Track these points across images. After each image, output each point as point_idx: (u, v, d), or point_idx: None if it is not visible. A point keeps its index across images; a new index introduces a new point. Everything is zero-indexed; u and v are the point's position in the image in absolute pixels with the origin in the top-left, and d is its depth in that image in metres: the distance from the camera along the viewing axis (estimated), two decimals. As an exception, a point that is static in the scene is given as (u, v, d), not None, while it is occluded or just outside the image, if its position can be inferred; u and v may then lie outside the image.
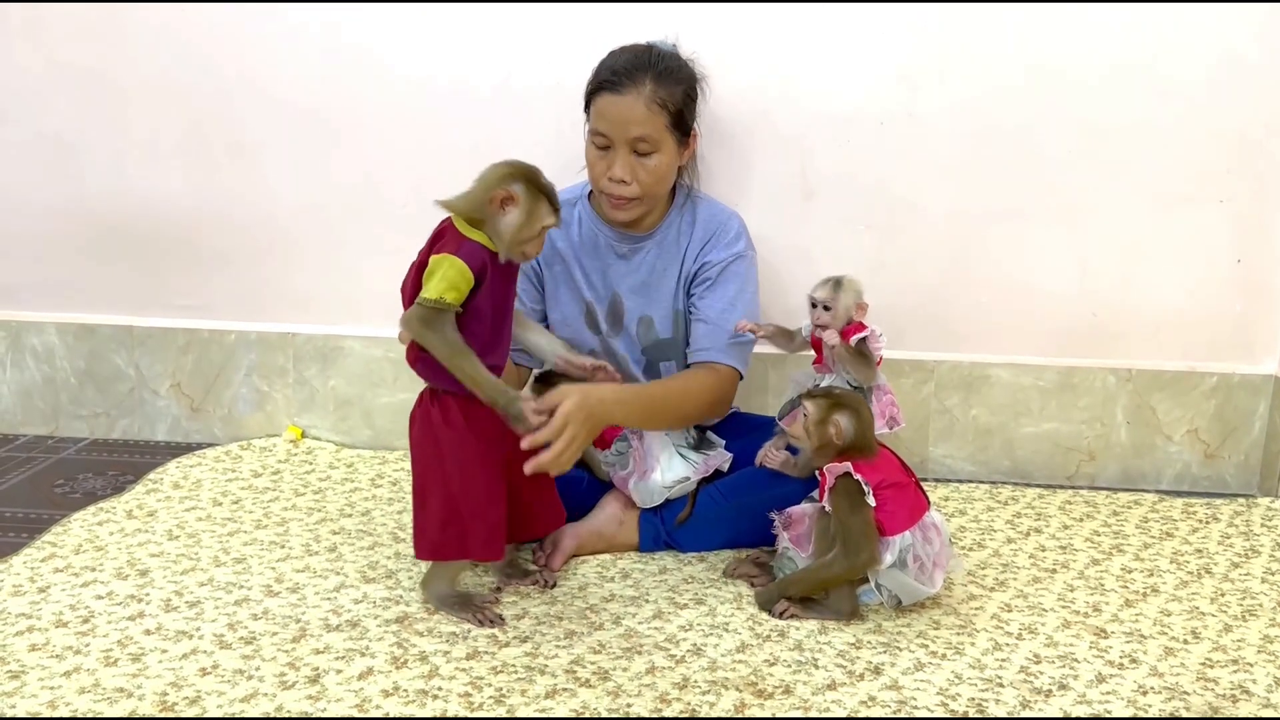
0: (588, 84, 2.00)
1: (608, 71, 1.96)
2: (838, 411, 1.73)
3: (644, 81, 1.93)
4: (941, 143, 2.33)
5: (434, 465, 1.68)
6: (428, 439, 1.69)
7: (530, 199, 1.63)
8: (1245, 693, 1.57)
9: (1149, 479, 2.44)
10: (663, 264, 2.07)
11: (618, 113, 1.93)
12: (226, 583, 1.82)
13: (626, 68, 1.94)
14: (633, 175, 1.95)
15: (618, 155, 1.95)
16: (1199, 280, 2.37)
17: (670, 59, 1.99)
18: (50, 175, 2.49)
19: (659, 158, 1.96)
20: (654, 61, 1.96)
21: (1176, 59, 2.27)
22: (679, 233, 2.07)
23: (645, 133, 1.93)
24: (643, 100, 1.92)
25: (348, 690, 1.51)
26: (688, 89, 2.00)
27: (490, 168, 1.67)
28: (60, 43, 2.42)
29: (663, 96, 1.94)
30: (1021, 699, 1.53)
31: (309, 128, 2.42)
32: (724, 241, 2.06)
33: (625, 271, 2.08)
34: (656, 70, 1.94)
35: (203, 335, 2.53)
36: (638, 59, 1.96)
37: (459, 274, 1.58)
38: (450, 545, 1.68)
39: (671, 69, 1.97)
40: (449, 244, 1.61)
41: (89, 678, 1.52)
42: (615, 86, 1.93)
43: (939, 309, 2.40)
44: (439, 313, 1.58)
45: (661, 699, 1.50)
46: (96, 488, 2.26)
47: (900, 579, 1.71)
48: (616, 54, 1.99)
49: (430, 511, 1.69)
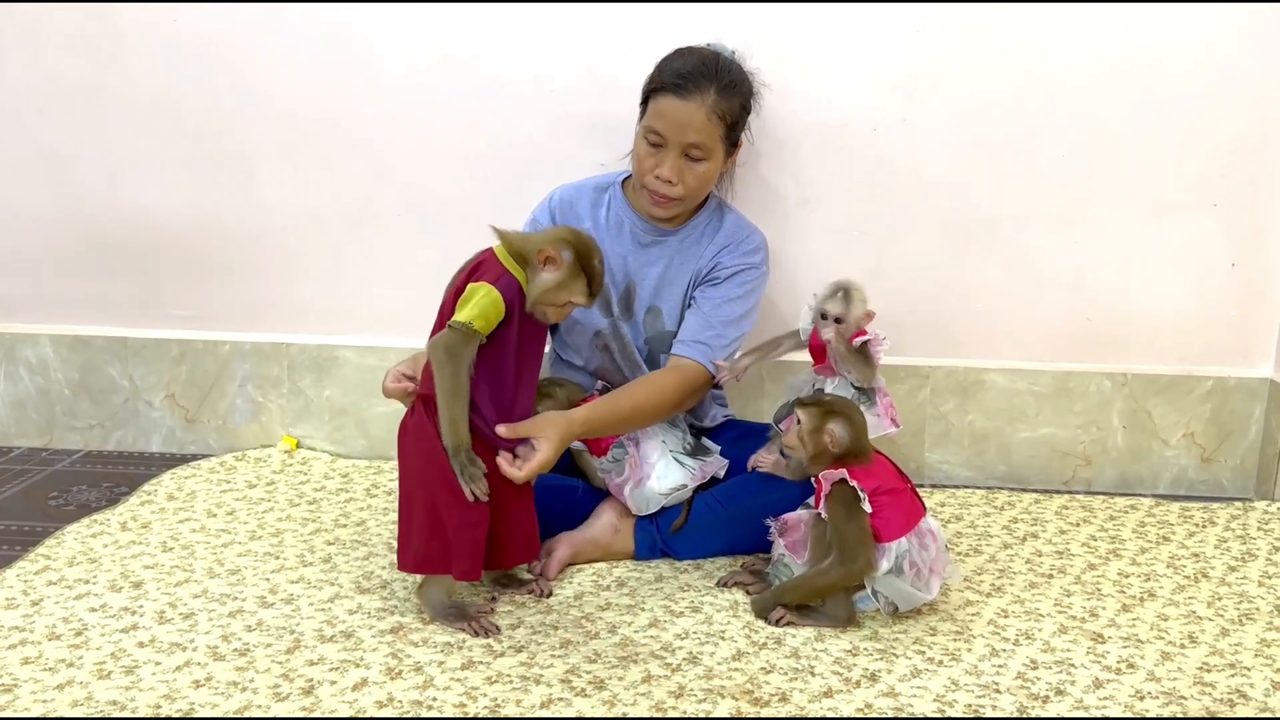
0: (649, 81, 2.01)
1: (673, 74, 1.96)
2: (831, 419, 1.72)
3: (709, 91, 1.94)
4: (936, 149, 2.33)
5: (422, 478, 1.69)
6: (418, 451, 1.69)
7: (572, 272, 1.67)
8: (1243, 697, 1.56)
9: (1145, 483, 2.43)
10: (680, 260, 2.09)
11: (677, 116, 1.94)
12: (220, 594, 1.81)
13: (693, 73, 1.95)
14: (680, 178, 1.98)
15: (668, 156, 1.97)
16: (1194, 285, 2.37)
17: (736, 71, 2.00)
18: (44, 187, 2.49)
19: (707, 165, 1.99)
20: (720, 72, 1.97)
21: (1170, 65, 2.27)
22: (702, 235, 2.10)
23: (701, 140, 1.96)
24: (705, 109, 1.94)
25: (342, 701, 1.50)
26: (745, 102, 2.02)
27: (559, 225, 1.76)
28: (55, 55, 2.42)
29: (724, 109, 1.96)
30: (1019, 705, 1.53)
31: (302, 138, 2.42)
32: (742, 250, 2.09)
33: (645, 261, 2.09)
34: (722, 82, 1.96)
35: (197, 346, 2.52)
36: (705, 66, 1.96)
37: (492, 304, 1.62)
38: (434, 559, 1.69)
39: (735, 82, 1.99)
40: (488, 273, 1.64)
41: (82, 690, 1.51)
42: (680, 90, 1.94)
43: (934, 315, 2.40)
44: (465, 338, 1.61)
45: (657, 708, 1.50)
46: (90, 499, 2.26)
47: (897, 585, 1.70)
48: (684, 55, 2.00)
49: (416, 524, 1.69)
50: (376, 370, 2.48)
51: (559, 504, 1.97)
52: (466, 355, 1.62)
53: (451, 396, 1.62)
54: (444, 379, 1.62)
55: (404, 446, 1.73)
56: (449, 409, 1.63)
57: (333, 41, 2.36)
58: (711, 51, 2.02)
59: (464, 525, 1.66)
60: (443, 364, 1.62)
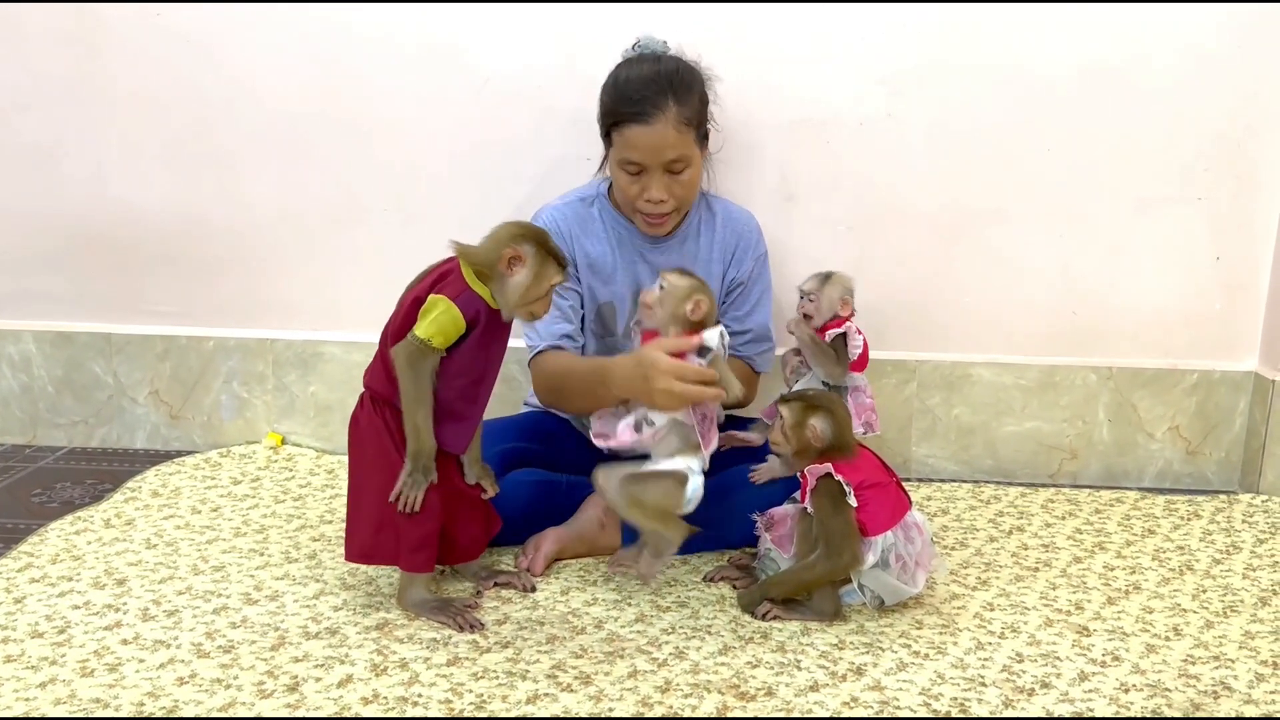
0: (604, 113, 1.98)
1: (627, 103, 1.93)
2: (813, 414, 1.72)
3: (668, 105, 1.91)
4: (922, 144, 2.33)
5: (373, 470, 1.69)
6: (369, 443, 1.70)
7: (538, 259, 1.66)
8: (1227, 689, 1.57)
9: (1131, 477, 2.44)
10: (690, 250, 2.10)
11: (648, 142, 1.92)
12: (205, 591, 1.80)
13: (647, 94, 1.92)
14: (669, 193, 1.97)
15: (652, 178, 1.96)
16: (1179, 278, 2.38)
17: (684, 72, 1.97)
18: (27, 183, 2.47)
19: (691, 170, 1.99)
20: (670, 80, 1.94)
21: (1154, 59, 2.28)
22: (700, 229, 2.11)
23: (679, 153, 1.95)
24: (671, 124, 1.92)
25: (327, 698, 1.49)
26: (702, 95, 2.00)
27: (501, 226, 1.70)
28: (37, 50, 2.40)
29: (687, 114, 1.94)
30: (1004, 698, 1.53)
31: (287, 133, 2.41)
32: (750, 249, 2.14)
33: (652, 268, 2.07)
34: (676, 90, 1.93)
35: (181, 342, 2.51)
36: (654, 82, 1.93)
37: (451, 320, 1.62)
38: (382, 550, 1.70)
39: (687, 82, 1.96)
40: (450, 287, 1.64)
41: (65, 689, 1.50)
42: (640, 117, 1.91)
43: (920, 309, 2.41)
44: (423, 353, 1.62)
45: (644, 703, 1.50)
46: (74, 497, 2.25)
47: (883, 579, 1.71)
48: (629, 79, 1.96)
49: (365, 515, 1.70)
50: (362, 366, 2.43)
51: (544, 499, 1.96)
52: (426, 367, 1.63)
53: (414, 403, 1.63)
54: (406, 386, 1.63)
55: (355, 439, 1.74)
56: (411, 416, 1.64)
57: (317, 36, 2.35)
58: (650, 60, 1.98)
59: (417, 516, 1.66)
60: (404, 372, 1.63)
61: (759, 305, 2.15)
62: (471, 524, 1.79)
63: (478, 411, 1.72)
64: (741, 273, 2.13)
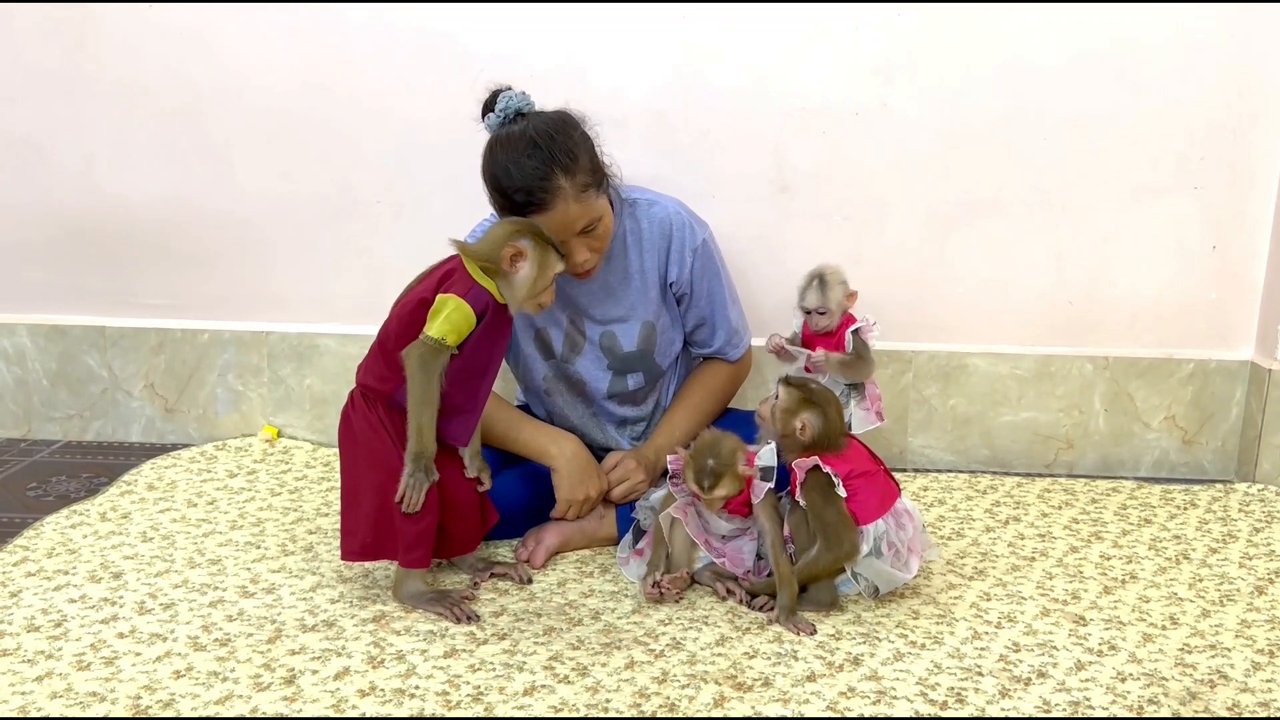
0: (496, 201, 1.84)
1: (520, 193, 1.78)
2: (807, 409, 1.72)
3: (558, 180, 1.77)
4: (916, 135, 2.33)
5: (369, 468, 1.70)
6: (363, 441, 1.71)
7: (539, 251, 1.67)
8: (1223, 677, 1.57)
9: (1127, 466, 2.44)
10: (619, 267, 2.00)
11: (556, 223, 1.79)
12: (201, 584, 1.80)
13: (534, 182, 1.77)
14: (590, 250, 1.88)
15: (570, 247, 1.83)
16: (1175, 268, 2.38)
17: (560, 136, 1.80)
18: (19, 176, 2.46)
19: (604, 220, 1.88)
20: (553, 156, 1.78)
21: (1148, 49, 2.27)
22: (625, 246, 2.00)
23: (588, 219, 1.84)
24: (569, 197, 1.79)
25: (324, 690, 1.49)
26: (587, 148, 1.84)
27: (495, 225, 1.72)
28: (26, 41, 2.39)
29: (581, 180, 1.80)
30: (1001, 687, 1.53)
31: (279, 126, 2.40)
32: (681, 249, 2.01)
33: (582, 290, 2.00)
34: (561, 165, 1.78)
35: (175, 335, 2.51)
36: (539, 166, 1.77)
37: (463, 318, 1.63)
38: (380, 547, 1.70)
39: (566, 147, 1.79)
40: (458, 285, 1.64)
41: (61, 682, 1.50)
42: (539, 205, 1.78)
43: (916, 299, 2.40)
44: (436, 352, 1.62)
45: (640, 694, 1.50)
46: (70, 490, 2.24)
47: (877, 567, 1.71)
48: (511, 170, 1.78)
49: (362, 513, 1.70)
50: (357, 358, 2.45)
51: (543, 491, 1.96)
52: (438, 366, 1.63)
53: (420, 404, 1.63)
54: (415, 387, 1.63)
55: (347, 436, 1.74)
56: (417, 416, 1.64)
57: (309, 26, 2.34)
58: (521, 136, 1.80)
59: (413, 515, 1.66)
60: (414, 374, 1.63)
61: (715, 302, 2.07)
62: (468, 518, 1.79)
63: (480, 405, 1.73)
64: (685, 270, 2.02)
